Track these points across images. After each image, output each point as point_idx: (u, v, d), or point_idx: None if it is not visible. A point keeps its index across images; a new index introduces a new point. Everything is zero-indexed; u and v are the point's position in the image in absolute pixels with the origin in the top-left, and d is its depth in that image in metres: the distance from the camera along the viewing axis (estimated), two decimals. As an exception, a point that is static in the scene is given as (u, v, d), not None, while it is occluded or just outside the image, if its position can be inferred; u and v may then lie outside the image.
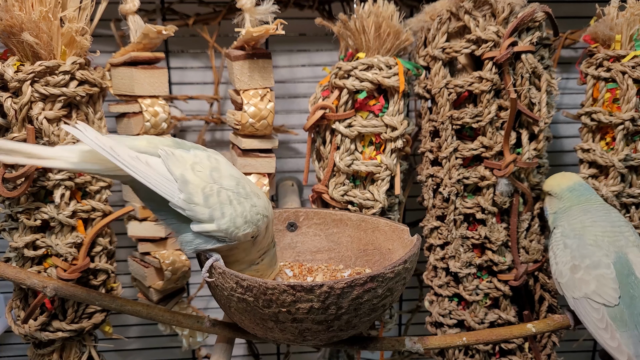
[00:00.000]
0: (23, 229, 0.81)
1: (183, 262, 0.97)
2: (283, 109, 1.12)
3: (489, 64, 0.85)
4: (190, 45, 1.09)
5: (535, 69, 0.85)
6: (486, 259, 0.91)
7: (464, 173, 0.89)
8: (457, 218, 0.90)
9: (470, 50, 0.86)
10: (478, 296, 0.91)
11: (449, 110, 0.87)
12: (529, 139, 0.87)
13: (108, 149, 0.61)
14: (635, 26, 0.85)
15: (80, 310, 0.85)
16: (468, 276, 0.91)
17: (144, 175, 0.63)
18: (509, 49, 0.83)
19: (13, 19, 0.73)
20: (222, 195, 0.66)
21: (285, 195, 1.06)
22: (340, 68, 0.85)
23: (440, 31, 0.88)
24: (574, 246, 0.77)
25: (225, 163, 0.69)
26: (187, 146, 0.68)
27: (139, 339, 1.21)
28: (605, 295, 0.73)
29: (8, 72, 0.75)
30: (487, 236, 0.89)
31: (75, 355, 0.88)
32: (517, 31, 0.84)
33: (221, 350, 0.76)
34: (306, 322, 0.65)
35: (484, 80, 0.85)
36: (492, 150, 0.87)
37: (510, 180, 0.87)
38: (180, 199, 0.64)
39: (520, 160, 0.86)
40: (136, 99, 0.88)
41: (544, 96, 0.85)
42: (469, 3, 0.85)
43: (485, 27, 0.84)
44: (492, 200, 0.89)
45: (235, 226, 0.66)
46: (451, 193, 0.89)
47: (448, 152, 0.88)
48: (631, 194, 0.86)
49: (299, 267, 0.85)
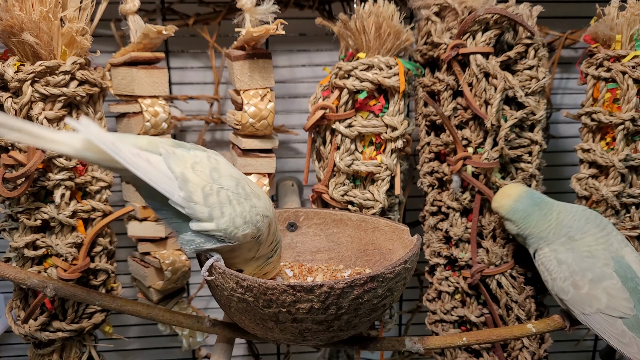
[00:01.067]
0: (23, 229, 0.81)
1: (183, 262, 0.97)
2: (283, 109, 1.12)
3: (444, 65, 0.89)
4: (190, 45, 1.09)
5: (486, 70, 0.85)
6: (450, 253, 0.94)
7: (434, 167, 0.94)
8: (429, 209, 0.96)
9: (433, 53, 0.91)
10: (449, 287, 0.95)
11: (421, 107, 0.94)
12: (493, 139, 0.87)
13: (110, 144, 0.61)
14: (635, 26, 0.85)
15: (80, 310, 0.85)
16: (437, 266, 0.96)
17: (144, 172, 0.63)
18: (452, 51, 0.86)
19: (13, 19, 0.73)
20: (221, 195, 0.66)
21: (285, 195, 1.06)
22: (341, 68, 0.85)
23: (420, 34, 0.94)
24: (569, 260, 0.75)
25: (225, 164, 0.69)
26: (188, 147, 0.69)
27: (139, 339, 1.21)
28: (621, 307, 0.72)
29: (8, 72, 0.75)
30: (447, 230, 0.93)
31: (75, 355, 0.88)
32: (466, 33, 0.86)
33: (221, 350, 0.76)
34: (306, 322, 0.65)
35: (440, 81, 0.90)
36: (448, 146, 0.91)
37: (463, 177, 0.88)
38: (180, 197, 0.64)
39: (475, 159, 0.87)
40: (136, 99, 0.88)
41: (498, 95, 0.85)
42: (432, 9, 0.90)
43: (443, 32, 0.89)
44: (453, 195, 0.92)
45: (234, 226, 0.66)
46: (423, 184, 0.96)
47: (421, 145, 0.96)
48: (631, 194, 0.86)
49: (299, 267, 0.85)
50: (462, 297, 0.95)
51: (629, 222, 0.87)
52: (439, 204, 0.94)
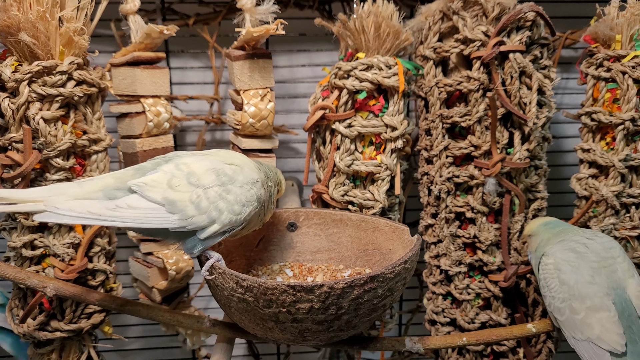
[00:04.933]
0: (21, 229, 0.81)
1: (186, 261, 0.97)
2: (283, 109, 1.12)
3: (477, 63, 0.85)
4: (190, 45, 1.09)
5: (524, 69, 0.85)
6: (477, 259, 0.91)
7: (454, 171, 0.89)
8: (447, 216, 0.91)
9: (459, 50, 0.87)
10: (469, 295, 0.92)
11: (439, 109, 0.89)
12: (521, 139, 0.87)
13: (86, 213, 0.60)
14: (635, 26, 0.85)
15: (78, 310, 0.85)
16: (458, 275, 0.92)
17: (132, 220, 0.62)
18: (495, 48, 0.83)
19: (10, 19, 0.73)
20: (210, 195, 0.66)
21: (286, 195, 1.06)
22: (340, 68, 0.85)
23: (431, 31, 0.90)
24: (572, 283, 0.74)
25: (195, 162, 0.68)
26: (149, 167, 0.68)
27: (139, 339, 1.21)
28: (612, 341, 0.70)
29: (5, 72, 0.75)
30: (476, 235, 0.90)
31: (74, 355, 0.88)
32: (504, 31, 0.84)
33: (221, 350, 0.76)
34: (306, 322, 0.65)
35: (471, 79, 0.86)
36: (480, 149, 0.87)
37: (499, 180, 0.87)
38: (175, 220, 0.64)
39: (510, 161, 0.86)
40: (138, 98, 0.88)
41: (535, 96, 0.85)
42: (457, 3, 0.86)
43: (473, 27, 0.85)
44: (481, 199, 0.89)
45: (235, 214, 0.67)
46: (441, 191, 0.90)
47: (438, 150, 0.89)
48: (631, 194, 0.86)
49: (299, 267, 0.85)
50: (484, 302, 0.93)
51: (629, 222, 0.87)
52: (457, 209, 0.90)
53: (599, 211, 0.88)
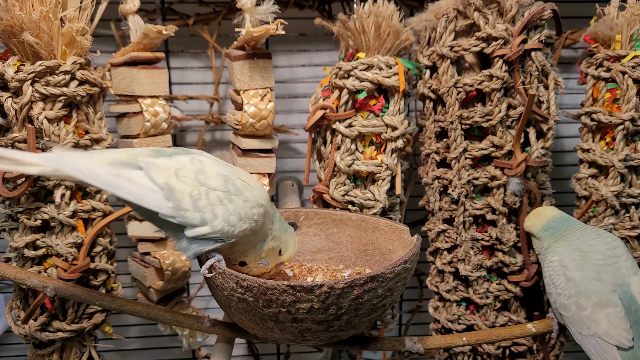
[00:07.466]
0: (23, 229, 0.81)
1: (183, 262, 0.97)
2: (283, 109, 1.12)
3: (499, 61, 0.84)
4: (190, 45, 1.09)
5: (544, 67, 0.84)
6: (496, 261, 0.90)
7: (474, 174, 0.87)
8: (466, 220, 0.89)
9: (479, 49, 0.85)
10: (488, 299, 0.91)
11: (457, 110, 0.86)
12: (536, 137, 0.87)
13: (87, 171, 0.61)
14: (635, 26, 0.85)
15: (80, 310, 0.85)
16: (478, 279, 0.90)
17: (127, 192, 0.62)
18: (520, 47, 0.82)
19: (13, 18, 0.73)
20: (211, 197, 0.64)
21: (285, 195, 1.06)
22: (341, 68, 0.85)
23: (447, 29, 0.87)
24: (577, 279, 0.75)
25: (210, 162, 0.68)
26: (168, 153, 0.67)
27: (139, 339, 1.21)
28: (619, 336, 0.71)
29: (8, 72, 0.75)
30: (498, 237, 0.88)
31: (75, 356, 0.88)
32: (526, 29, 0.83)
33: (221, 350, 0.76)
34: (306, 322, 0.65)
35: (494, 78, 0.84)
36: (502, 149, 0.86)
37: (521, 179, 0.87)
38: (168, 208, 0.63)
39: (530, 159, 0.86)
40: (136, 99, 0.88)
41: (552, 94, 0.85)
42: (478, 0, 0.84)
43: (495, 25, 0.83)
44: (502, 200, 0.88)
45: (229, 225, 0.65)
46: (461, 194, 0.88)
47: (457, 152, 0.87)
48: (631, 194, 0.86)
49: (299, 267, 0.85)
50: (501, 304, 0.92)
51: (629, 222, 0.87)
52: (476, 212, 0.88)
53: (598, 211, 0.88)
